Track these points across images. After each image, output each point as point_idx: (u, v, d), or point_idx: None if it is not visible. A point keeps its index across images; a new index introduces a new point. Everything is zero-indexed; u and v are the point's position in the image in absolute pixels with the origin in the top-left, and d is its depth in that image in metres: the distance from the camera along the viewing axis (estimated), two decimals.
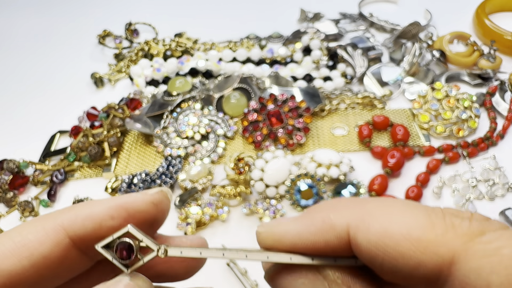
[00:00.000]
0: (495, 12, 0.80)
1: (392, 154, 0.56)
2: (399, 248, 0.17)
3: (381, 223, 0.18)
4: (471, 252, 0.16)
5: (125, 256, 0.19)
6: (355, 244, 0.18)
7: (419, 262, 0.17)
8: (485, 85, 0.68)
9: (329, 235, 0.19)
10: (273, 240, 0.20)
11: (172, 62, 0.73)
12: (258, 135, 0.61)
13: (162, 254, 0.19)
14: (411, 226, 0.17)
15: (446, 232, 0.17)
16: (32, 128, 0.69)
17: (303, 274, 0.19)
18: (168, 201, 0.22)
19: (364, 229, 0.18)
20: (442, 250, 0.16)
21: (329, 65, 0.72)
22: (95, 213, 0.20)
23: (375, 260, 0.18)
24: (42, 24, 0.92)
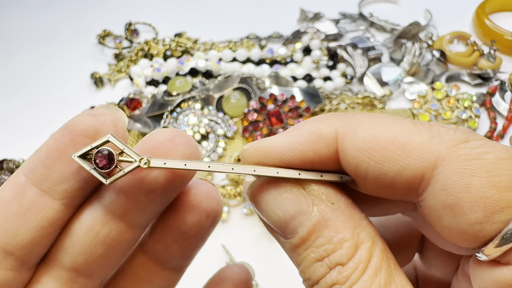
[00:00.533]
0: (495, 12, 0.80)
1: None
2: (385, 153, 0.17)
3: (369, 130, 0.18)
4: (455, 156, 0.16)
5: (105, 165, 0.18)
6: (342, 151, 0.18)
7: (404, 165, 0.17)
8: (485, 85, 0.68)
9: (318, 144, 0.19)
10: (260, 154, 0.19)
11: (172, 62, 0.73)
12: (258, 135, 0.61)
13: (144, 164, 0.18)
14: (397, 132, 0.17)
15: (432, 138, 0.17)
16: (32, 128, 0.69)
17: (287, 189, 0.19)
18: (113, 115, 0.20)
19: (351, 136, 0.18)
20: (426, 153, 0.17)
21: (329, 65, 0.72)
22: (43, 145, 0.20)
23: (360, 167, 0.18)
24: (42, 24, 0.92)
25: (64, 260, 0.20)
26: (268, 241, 0.52)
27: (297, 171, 0.19)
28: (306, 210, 0.18)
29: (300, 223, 0.18)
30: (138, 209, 0.20)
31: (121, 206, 0.20)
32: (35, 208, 0.19)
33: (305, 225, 0.18)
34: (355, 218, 0.18)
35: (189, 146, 0.20)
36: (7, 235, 0.18)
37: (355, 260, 0.18)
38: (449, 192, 0.16)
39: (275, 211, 0.19)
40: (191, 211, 0.22)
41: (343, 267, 0.18)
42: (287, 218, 0.19)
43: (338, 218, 0.18)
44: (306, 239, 0.18)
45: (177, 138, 0.20)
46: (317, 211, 0.18)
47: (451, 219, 0.16)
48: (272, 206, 0.19)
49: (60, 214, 0.19)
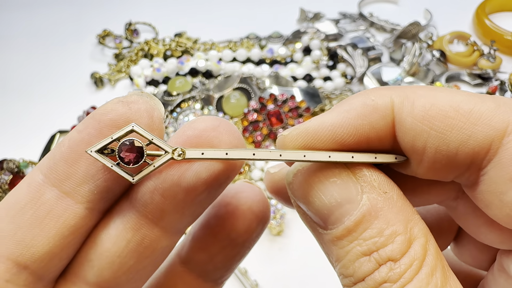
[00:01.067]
0: (495, 12, 0.80)
1: None
2: (448, 120, 0.16)
3: (427, 98, 0.16)
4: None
5: (132, 160, 0.15)
6: (399, 121, 0.17)
7: (470, 134, 0.15)
8: (485, 85, 0.68)
9: (374, 116, 0.17)
10: (307, 137, 0.17)
11: (172, 62, 0.73)
12: (258, 135, 0.61)
13: (178, 156, 0.15)
14: (460, 99, 0.16)
15: (499, 106, 0.16)
16: (32, 128, 0.69)
17: (336, 173, 0.17)
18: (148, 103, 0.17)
19: (409, 105, 0.16)
20: (495, 121, 0.15)
21: (329, 65, 0.72)
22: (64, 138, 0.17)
23: (419, 138, 0.16)
24: (42, 24, 0.92)
25: (88, 274, 0.17)
26: (268, 241, 0.52)
27: (350, 154, 0.17)
28: (355, 198, 0.16)
29: (346, 211, 0.16)
30: (176, 211, 0.17)
31: (156, 209, 0.17)
32: (55, 213, 0.16)
33: (353, 215, 0.16)
34: (408, 211, 0.17)
35: (234, 135, 0.17)
36: (21, 245, 0.15)
37: (409, 256, 0.16)
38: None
39: (320, 197, 0.17)
40: (241, 217, 0.20)
41: (395, 263, 0.16)
42: (332, 205, 0.17)
43: (390, 209, 0.16)
44: (352, 230, 0.16)
45: (220, 126, 0.17)
46: (367, 199, 0.16)
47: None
48: (316, 191, 0.17)
49: (84, 220, 0.16)
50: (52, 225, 0.15)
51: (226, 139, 0.17)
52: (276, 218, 0.52)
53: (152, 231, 0.17)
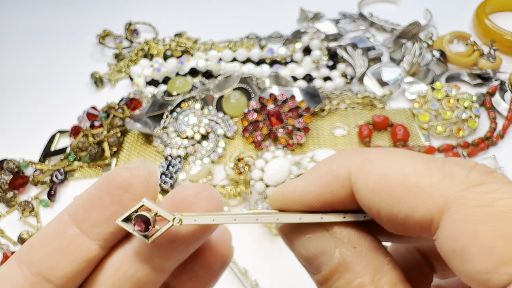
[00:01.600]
0: (495, 12, 0.80)
1: None
2: (394, 194, 0.17)
3: (379, 169, 0.18)
4: (464, 200, 0.16)
5: (143, 228, 0.20)
6: (356, 191, 0.19)
7: (412, 207, 0.17)
8: (485, 85, 0.68)
9: (334, 185, 0.19)
10: (283, 200, 0.20)
11: (172, 62, 0.73)
12: (258, 135, 0.61)
13: (177, 223, 0.20)
14: (408, 173, 0.17)
15: (442, 180, 0.17)
16: (32, 128, 0.69)
17: (311, 230, 0.20)
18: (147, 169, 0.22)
19: (363, 175, 0.18)
20: (435, 196, 0.16)
21: (329, 65, 0.72)
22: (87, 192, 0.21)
23: (373, 207, 0.18)
24: (42, 23, 0.92)
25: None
26: (268, 241, 0.52)
27: (320, 215, 0.20)
28: (329, 251, 0.19)
29: (323, 262, 0.19)
30: (162, 256, 0.21)
31: (147, 251, 0.21)
32: (73, 245, 0.20)
33: (327, 265, 0.19)
34: (376, 264, 0.19)
35: (213, 201, 0.21)
36: (49, 266, 0.20)
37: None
38: (456, 239, 0.16)
39: (299, 250, 0.20)
40: (200, 255, 0.23)
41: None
42: (310, 257, 0.20)
43: (358, 263, 0.19)
44: (328, 278, 0.19)
45: (202, 193, 0.21)
46: (339, 253, 0.19)
47: (459, 264, 0.16)
48: (297, 245, 0.20)
49: (94, 253, 0.21)
50: (71, 254, 0.20)
51: (205, 204, 0.21)
52: None
53: (143, 267, 0.21)
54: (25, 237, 0.53)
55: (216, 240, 0.24)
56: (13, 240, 0.54)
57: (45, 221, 0.56)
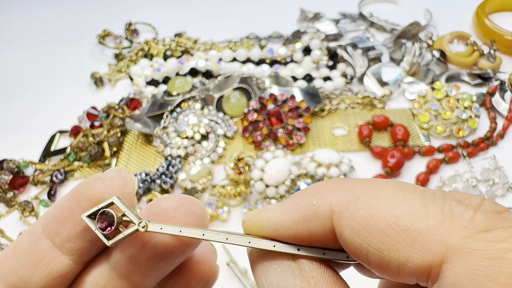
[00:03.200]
0: (495, 12, 0.80)
1: (392, 154, 0.56)
2: (385, 239, 0.15)
3: (367, 208, 0.15)
4: (468, 251, 0.13)
5: (105, 227, 0.19)
6: (339, 233, 0.16)
7: (406, 256, 0.14)
8: (485, 85, 0.68)
9: (312, 223, 0.17)
10: (256, 228, 0.19)
11: (172, 62, 0.73)
12: (258, 135, 0.61)
13: (142, 228, 0.19)
14: (400, 213, 0.15)
15: (442, 223, 0.14)
16: (32, 128, 0.69)
17: (278, 261, 0.18)
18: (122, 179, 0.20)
19: (348, 216, 0.16)
20: (433, 243, 0.14)
21: (329, 65, 0.72)
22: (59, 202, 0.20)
23: (360, 252, 0.16)
24: (42, 24, 0.92)
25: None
26: None
27: (296, 246, 0.18)
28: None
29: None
30: (140, 272, 0.20)
31: (124, 267, 0.20)
32: (46, 260, 0.19)
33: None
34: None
35: (193, 215, 0.20)
36: (22, 280, 0.19)
37: None
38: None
39: (262, 281, 0.18)
40: (180, 274, 0.22)
41: None
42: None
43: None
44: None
45: (181, 207, 0.20)
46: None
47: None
48: (260, 273, 0.18)
49: (68, 268, 0.20)
50: (44, 268, 0.19)
51: (184, 219, 0.20)
52: None
53: (122, 283, 0.20)
54: None
55: (198, 259, 0.22)
56: (13, 240, 0.54)
57: None
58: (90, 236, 0.20)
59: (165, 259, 0.20)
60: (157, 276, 0.21)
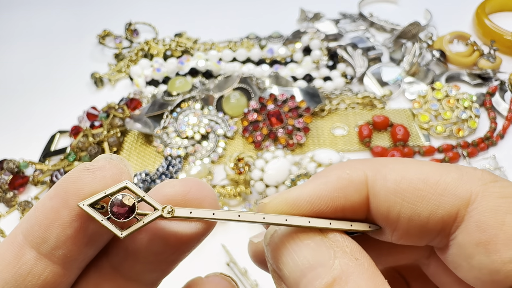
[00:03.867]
0: (495, 12, 0.80)
1: (392, 154, 0.56)
2: (418, 192, 0.17)
3: (398, 171, 0.18)
4: (488, 193, 0.16)
5: (123, 214, 0.16)
6: (373, 194, 0.18)
7: (438, 204, 0.17)
8: (485, 85, 0.68)
9: (349, 189, 0.18)
10: (287, 205, 0.18)
11: (172, 62, 0.73)
12: (258, 135, 0.61)
13: (168, 213, 0.16)
14: (427, 172, 0.17)
15: (462, 176, 0.17)
16: (32, 128, 0.69)
17: (310, 236, 0.18)
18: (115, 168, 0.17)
19: (381, 178, 0.18)
20: (460, 190, 0.17)
21: (329, 65, 0.72)
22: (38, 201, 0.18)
23: (393, 209, 0.17)
24: (42, 24, 0.92)
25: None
26: None
27: (328, 220, 0.18)
28: (327, 262, 0.17)
29: (318, 275, 0.17)
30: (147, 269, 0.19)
31: (128, 265, 0.18)
32: (35, 273, 0.17)
33: (324, 278, 0.16)
34: (377, 280, 0.17)
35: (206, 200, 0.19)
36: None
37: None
38: (483, 229, 0.16)
39: (294, 258, 0.18)
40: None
41: None
42: (305, 267, 0.17)
43: (361, 276, 0.16)
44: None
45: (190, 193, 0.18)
46: (339, 264, 0.17)
47: (483, 258, 0.16)
48: (291, 252, 0.18)
49: (62, 277, 0.17)
50: (34, 282, 0.17)
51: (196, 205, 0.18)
52: None
53: (127, 283, 0.19)
54: None
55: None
56: None
57: None
58: (85, 238, 0.17)
59: (177, 251, 0.18)
60: (167, 270, 0.20)
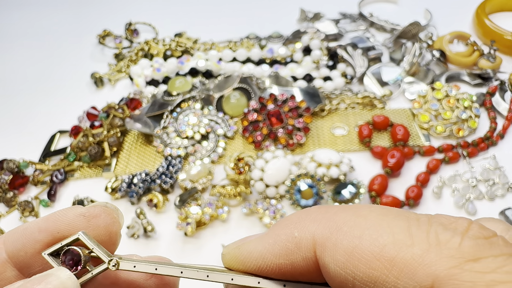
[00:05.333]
0: (495, 12, 0.80)
1: (392, 154, 0.56)
2: (370, 272, 0.14)
3: (350, 239, 0.15)
4: (456, 283, 0.12)
5: (71, 265, 0.17)
6: (323, 265, 0.16)
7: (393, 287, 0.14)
8: (485, 85, 0.68)
9: (295, 256, 0.16)
10: (237, 263, 0.18)
11: (172, 62, 0.73)
12: (258, 135, 0.61)
13: (113, 266, 0.17)
14: (384, 243, 0.14)
15: (428, 251, 0.13)
16: (32, 128, 0.69)
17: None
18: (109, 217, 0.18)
19: (331, 247, 0.15)
20: (419, 274, 0.13)
21: (329, 65, 0.72)
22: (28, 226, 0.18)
23: (345, 285, 0.15)
24: (42, 24, 0.92)
25: None
26: None
27: (283, 282, 0.17)
28: None
29: None
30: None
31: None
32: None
33: None
34: None
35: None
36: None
37: None
38: None
39: None
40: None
41: None
42: None
43: None
44: None
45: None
46: None
47: None
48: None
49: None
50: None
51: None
52: (276, 218, 0.52)
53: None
54: None
55: None
56: None
57: None
58: None
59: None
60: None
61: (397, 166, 0.56)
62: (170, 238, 0.52)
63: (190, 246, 0.52)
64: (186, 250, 0.51)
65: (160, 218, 0.54)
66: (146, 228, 0.52)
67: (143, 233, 0.52)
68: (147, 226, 0.52)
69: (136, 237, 0.52)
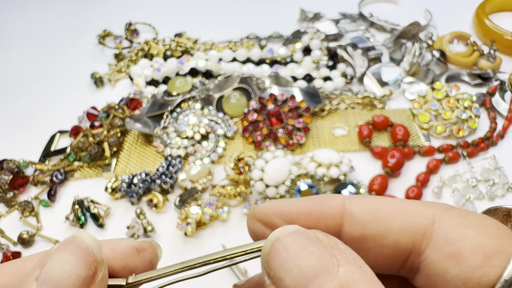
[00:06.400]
0: (495, 12, 0.80)
1: (392, 154, 0.56)
2: (390, 214, 0.20)
3: (372, 200, 0.21)
4: (449, 213, 0.20)
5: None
6: (350, 213, 0.20)
7: (408, 222, 0.20)
8: (485, 85, 0.68)
9: (325, 206, 0.21)
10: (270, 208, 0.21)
11: (172, 62, 0.73)
12: (258, 135, 0.61)
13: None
14: (396, 202, 0.20)
15: (426, 205, 0.20)
16: (32, 128, 0.69)
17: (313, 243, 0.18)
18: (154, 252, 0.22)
19: (358, 202, 0.21)
20: (425, 213, 0.20)
21: (329, 65, 0.72)
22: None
23: (368, 227, 0.20)
24: (42, 24, 0.92)
25: None
26: None
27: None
28: (331, 270, 0.17)
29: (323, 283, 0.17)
30: None
31: None
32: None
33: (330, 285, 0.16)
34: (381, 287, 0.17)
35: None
36: None
37: None
38: (451, 243, 0.18)
39: (298, 265, 0.17)
40: None
41: None
42: (310, 274, 0.17)
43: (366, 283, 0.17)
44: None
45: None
46: (343, 271, 0.17)
47: (456, 269, 0.18)
48: (295, 259, 0.17)
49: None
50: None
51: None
52: None
53: None
54: (25, 237, 0.53)
55: None
56: (13, 240, 0.54)
57: (45, 221, 0.56)
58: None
59: None
60: None
61: (397, 166, 0.56)
62: (170, 238, 0.52)
63: (190, 246, 0.52)
64: (186, 250, 0.51)
65: (160, 218, 0.54)
66: (146, 228, 0.52)
67: (143, 233, 0.52)
68: (147, 226, 0.52)
69: (136, 237, 0.52)
